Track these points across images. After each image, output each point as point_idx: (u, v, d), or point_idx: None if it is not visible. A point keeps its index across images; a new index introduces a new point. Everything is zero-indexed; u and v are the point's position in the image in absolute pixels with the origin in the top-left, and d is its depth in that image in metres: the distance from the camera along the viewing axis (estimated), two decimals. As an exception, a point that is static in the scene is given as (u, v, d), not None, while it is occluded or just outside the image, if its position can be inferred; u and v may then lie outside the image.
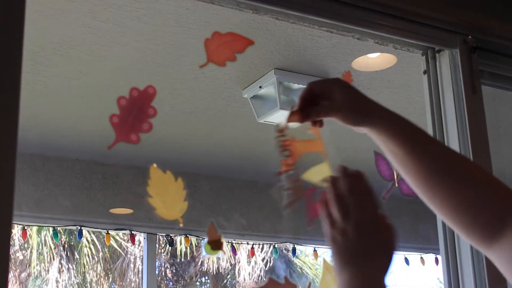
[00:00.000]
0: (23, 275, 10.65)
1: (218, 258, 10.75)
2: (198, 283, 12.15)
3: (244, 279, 10.92)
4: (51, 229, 7.01)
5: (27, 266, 10.56)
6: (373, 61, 3.23)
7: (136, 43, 2.99)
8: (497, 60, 2.30)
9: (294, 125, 1.31)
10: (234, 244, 5.87)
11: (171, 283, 11.83)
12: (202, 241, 5.55)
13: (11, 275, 9.50)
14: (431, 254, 6.00)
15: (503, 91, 2.46)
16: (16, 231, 6.23)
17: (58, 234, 6.92)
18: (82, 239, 9.32)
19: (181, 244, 10.06)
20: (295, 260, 12.00)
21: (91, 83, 3.44)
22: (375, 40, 2.15)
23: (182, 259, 11.32)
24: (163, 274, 11.59)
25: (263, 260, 10.98)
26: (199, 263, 11.39)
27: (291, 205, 1.36)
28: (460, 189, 0.98)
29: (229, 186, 5.25)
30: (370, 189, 0.96)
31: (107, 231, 5.01)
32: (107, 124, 1.43)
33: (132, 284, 10.79)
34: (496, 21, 2.32)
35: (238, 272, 11.12)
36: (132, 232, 4.96)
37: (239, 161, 4.84)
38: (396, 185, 2.08)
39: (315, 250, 5.84)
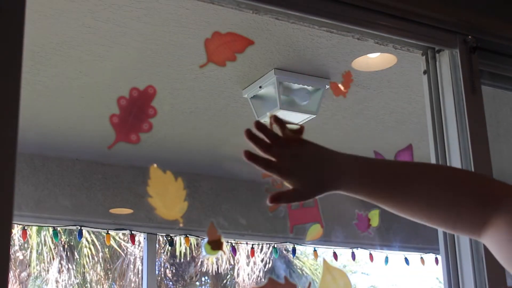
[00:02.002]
0: (23, 275, 10.65)
1: (218, 259, 10.75)
2: (198, 283, 12.15)
3: (244, 280, 10.92)
4: (51, 229, 7.01)
5: (27, 266, 10.56)
6: (373, 61, 3.23)
7: (136, 43, 2.99)
8: (497, 60, 2.30)
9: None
10: (234, 244, 5.87)
11: (171, 283, 11.83)
12: (202, 241, 5.55)
13: (11, 275, 9.49)
14: (431, 254, 6.01)
15: (503, 91, 2.46)
16: (16, 231, 6.24)
17: (58, 234, 6.92)
18: (82, 239, 9.32)
19: (181, 244, 10.07)
20: (295, 261, 12.01)
21: (91, 83, 3.44)
22: (375, 40, 2.15)
23: (182, 259, 11.32)
24: (163, 274, 11.60)
25: (262, 260, 10.98)
26: (199, 263, 11.39)
27: (275, 209, 1.38)
28: (436, 195, 1.00)
29: (229, 186, 5.25)
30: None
31: (107, 231, 5.01)
32: (107, 124, 1.43)
33: (132, 284, 10.79)
34: (496, 21, 2.32)
35: (237, 272, 11.12)
36: (132, 232, 4.96)
37: (239, 161, 4.83)
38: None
39: (315, 250, 5.85)
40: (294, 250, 5.82)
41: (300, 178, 1.04)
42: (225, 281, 11.81)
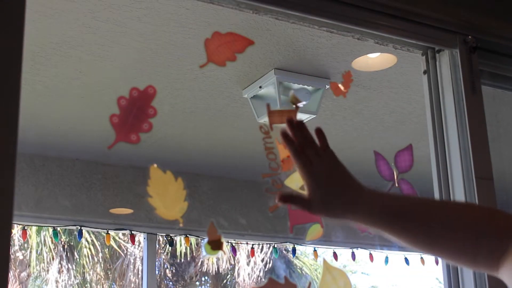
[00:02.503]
0: (23, 275, 10.65)
1: (218, 259, 10.75)
2: (198, 283, 12.15)
3: (244, 280, 10.92)
4: (51, 229, 7.01)
5: (27, 266, 10.56)
6: (373, 61, 3.23)
7: (136, 43, 2.99)
8: (497, 60, 2.30)
9: (277, 125, 1.33)
10: (234, 244, 5.87)
11: (171, 283, 11.83)
12: (202, 241, 5.54)
13: (11, 275, 9.49)
14: (431, 254, 6.00)
15: (503, 91, 2.46)
16: (16, 231, 6.23)
17: (58, 234, 6.92)
18: (82, 239, 9.32)
19: (181, 244, 10.07)
20: (295, 261, 12.01)
21: (91, 83, 3.44)
22: (375, 40, 2.15)
23: (182, 259, 11.32)
24: (163, 274, 11.59)
25: (262, 260, 10.98)
26: (199, 263, 11.39)
27: (275, 209, 1.38)
28: (455, 233, 1.00)
29: (229, 186, 5.25)
30: None
31: (107, 231, 5.00)
32: (107, 124, 1.43)
33: (132, 285, 10.79)
34: (496, 21, 2.32)
35: (237, 272, 11.13)
36: (132, 232, 4.96)
37: (239, 161, 4.84)
38: (396, 185, 2.08)
39: (315, 250, 5.85)
40: (294, 250, 5.82)
41: (322, 188, 1.05)
42: (225, 281, 11.81)
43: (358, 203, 1.03)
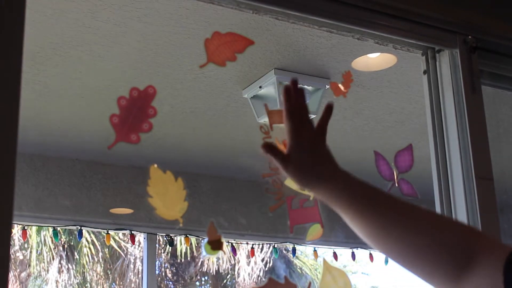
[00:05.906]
0: (23, 275, 10.65)
1: (218, 259, 10.75)
2: (198, 283, 12.15)
3: (244, 279, 10.92)
4: (51, 229, 7.01)
5: (27, 266, 10.56)
6: (373, 61, 3.23)
7: (136, 43, 2.99)
8: (497, 60, 2.30)
9: (277, 125, 1.33)
10: (234, 244, 5.87)
11: (171, 283, 11.83)
12: (202, 241, 5.54)
13: (11, 275, 9.49)
14: (431, 254, 6.00)
15: (503, 91, 2.46)
16: (16, 231, 6.24)
17: (58, 234, 6.92)
18: (82, 239, 9.32)
19: (181, 244, 10.07)
20: (295, 261, 12.01)
21: (91, 83, 3.44)
22: (375, 40, 2.15)
23: (182, 259, 11.32)
24: (163, 274, 11.59)
25: (262, 260, 10.98)
26: (199, 263, 11.39)
27: (275, 209, 1.38)
28: (420, 234, 0.95)
29: (229, 186, 5.25)
30: None
31: (107, 231, 5.01)
32: (107, 124, 1.43)
33: (132, 285, 10.79)
34: (496, 21, 2.32)
35: (237, 272, 11.13)
36: (132, 232, 4.96)
37: (239, 161, 4.84)
38: (396, 185, 2.08)
39: (315, 250, 5.85)
40: (294, 250, 5.82)
41: (303, 150, 1.09)
42: (225, 281, 11.81)
43: (331, 175, 1.06)
